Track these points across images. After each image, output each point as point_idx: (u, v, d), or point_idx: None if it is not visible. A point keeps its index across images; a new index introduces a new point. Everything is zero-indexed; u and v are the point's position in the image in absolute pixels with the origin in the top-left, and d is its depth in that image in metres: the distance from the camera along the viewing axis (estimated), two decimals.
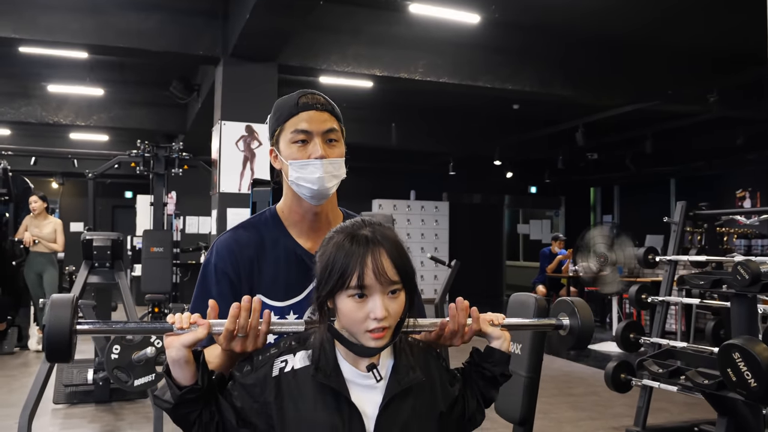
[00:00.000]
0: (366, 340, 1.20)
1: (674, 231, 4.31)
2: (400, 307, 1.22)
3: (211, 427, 1.20)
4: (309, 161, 1.47)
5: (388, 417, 1.22)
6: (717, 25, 6.58)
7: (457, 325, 1.37)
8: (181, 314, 1.23)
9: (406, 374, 1.26)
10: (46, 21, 5.48)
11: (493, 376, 1.40)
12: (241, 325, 1.25)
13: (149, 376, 3.70)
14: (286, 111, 1.50)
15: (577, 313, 1.52)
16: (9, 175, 7.27)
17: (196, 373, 1.19)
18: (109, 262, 4.31)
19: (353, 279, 1.17)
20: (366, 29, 6.29)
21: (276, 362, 1.24)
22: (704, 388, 3.03)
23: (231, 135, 5.88)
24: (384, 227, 1.25)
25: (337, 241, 1.22)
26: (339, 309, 1.21)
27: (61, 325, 1.17)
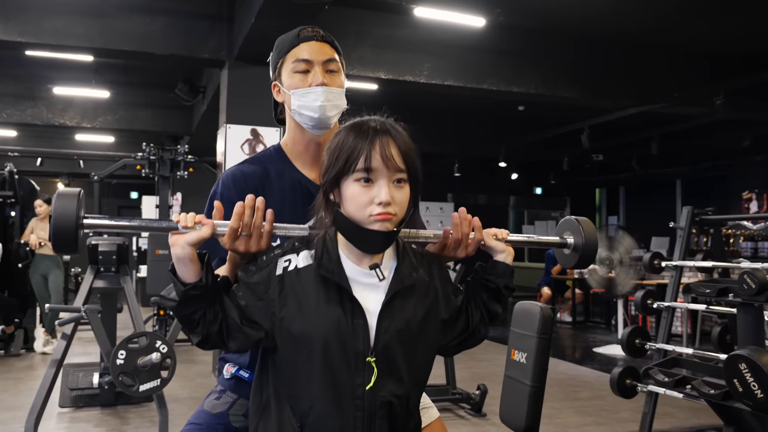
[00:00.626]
0: (371, 224, 1.19)
1: (680, 236, 4.28)
2: (405, 198, 1.23)
3: (214, 326, 1.20)
4: (310, 89, 1.51)
5: (391, 313, 1.22)
6: (724, 27, 6.56)
7: (461, 234, 1.40)
8: (186, 214, 1.24)
9: (409, 274, 1.27)
10: (52, 25, 5.49)
11: (497, 288, 1.42)
12: (246, 223, 1.26)
13: (155, 381, 3.70)
14: (288, 43, 1.54)
15: (582, 231, 1.52)
16: (15, 178, 7.30)
17: (200, 272, 1.20)
18: (114, 267, 4.33)
19: (360, 161, 1.19)
20: (371, 32, 6.29)
21: (280, 261, 1.25)
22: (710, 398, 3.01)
23: (236, 138, 5.88)
24: (393, 121, 1.28)
25: (344, 133, 1.24)
26: (344, 196, 1.22)
27: (67, 216, 1.18)
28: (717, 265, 3.97)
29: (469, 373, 6.00)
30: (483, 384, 4.77)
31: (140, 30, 5.67)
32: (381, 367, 1.20)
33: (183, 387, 5.38)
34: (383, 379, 1.20)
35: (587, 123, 9.11)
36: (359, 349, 1.19)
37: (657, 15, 6.33)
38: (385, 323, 1.21)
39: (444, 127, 10.81)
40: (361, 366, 1.19)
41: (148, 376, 3.68)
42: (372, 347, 1.20)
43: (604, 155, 11.77)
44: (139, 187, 13.82)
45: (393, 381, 1.21)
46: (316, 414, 1.19)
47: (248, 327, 1.21)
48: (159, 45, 5.74)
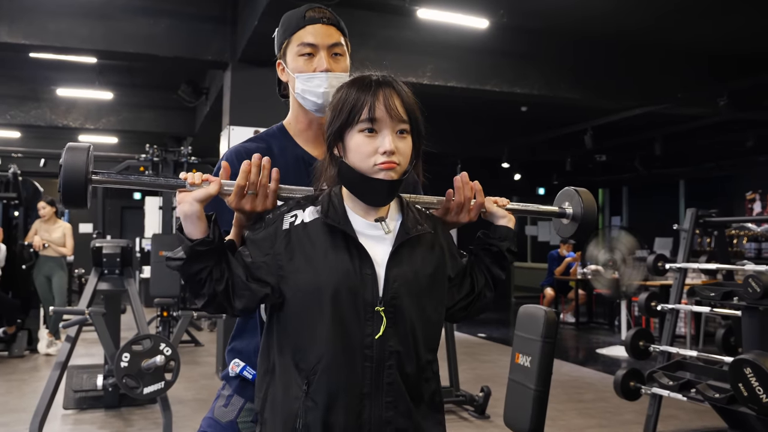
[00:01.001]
0: (376, 173, 1.21)
1: (684, 238, 4.28)
2: (408, 148, 1.24)
3: (220, 284, 1.20)
4: (314, 75, 1.51)
5: (398, 263, 1.23)
6: (727, 27, 6.55)
7: (463, 198, 1.41)
8: (193, 172, 1.25)
9: (414, 226, 1.28)
10: (56, 27, 5.51)
11: (500, 251, 1.43)
12: (252, 181, 1.27)
13: (159, 383, 3.71)
14: (294, 24, 1.54)
15: (581, 201, 1.52)
16: (19, 179, 7.31)
17: (207, 229, 1.20)
18: (118, 269, 4.34)
19: (364, 112, 1.20)
20: (374, 33, 6.29)
21: (286, 217, 1.25)
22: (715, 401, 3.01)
23: (239, 140, 5.82)
24: (394, 77, 1.28)
25: (346, 87, 1.25)
26: (348, 148, 1.23)
27: (77, 170, 1.18)
28: (721, 267, 3.96)
29: (473, 375, 6.00)
30: (486, 386, 4.77)
31: (144, 32, 5.69)
32: (390, 317, 1.20)
33: (187, 389, 5.39)
34: (392, 328, 1.20)
35: (590, 124, 9.10)
36: (368, 298, 1.19)
37: (660, 15, 6.32)
38: (393, 272, 1.21)
39: (446, 128, 10.80)
40: (370, 316, 1.19)
41: (152, 379, 3.69)
42: (381, 297, 1.20)
43: (607, 156, 11.75)
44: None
45: (402, 331, 1.21)
46: (324, 367, 1.18)
47: (254, 283, 1.22)
48: (162, 47, 5.75)
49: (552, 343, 2.59)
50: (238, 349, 1.59)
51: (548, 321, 2.58)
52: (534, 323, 2.61)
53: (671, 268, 4.14)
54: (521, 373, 2.65)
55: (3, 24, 5.38)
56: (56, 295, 7.12)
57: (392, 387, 1.20)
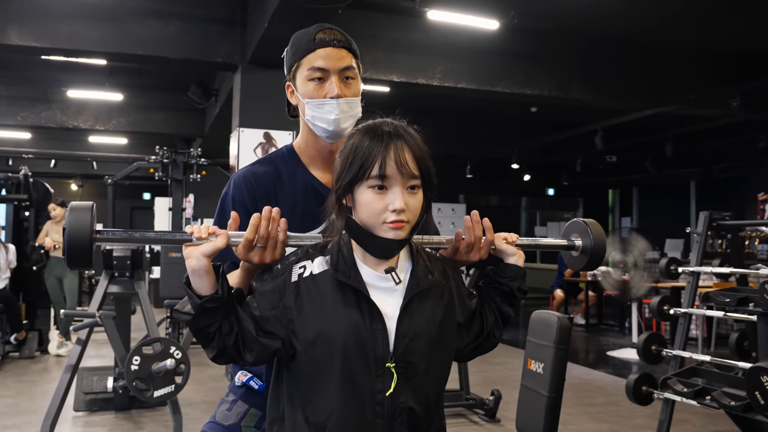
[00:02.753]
0: (384, 232, 1.19)
1: (697, 242, 4.24)
2: (418, 204, 1.21)
3: (230, 338, 1.19)
4: (325, 101, 1.47)
5: (409, 317, 1.21)
6: (740, 28, 6.50)
7: (473, 237, 1.38)
8: (200, 225, 1.22)
9: (425, 277, 1.25)
10: (67, 30, 5.53)
11: (510, 291, 1.41)
12: (261, 235, 1.25)
13: (169, 387, 3.71)
14: (303, 46, 1.49)
15: (590, 233, 1.50)
16: (30, 181, 7.34)
17: (215, 284, 1.18)
18: (128, 272, 4.34)
19: (374, 168, 1.17)
20: (384, 35, 6.28)
21: (294, 268, 1.23)
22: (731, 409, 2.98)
23: (249, 142, 5.88)
24: (406, 125, 1.25)
25: (358, 137, 1.22)
26: (357, 202, 1.20)
27: (81, 231, 1.17)
28: (735, 271, 3.92)
29: (482, 378, 5.98)
30: (497, 389, 4.74)
31: (154, 35, 5.70)
32: (401, 373, 1.18)
33: (196, 391, 5.39)
34: (403, 384, 1.18)
35: (601, 124, 9.06)
36: (378, 354, 1.18)
37: (670, 16, 6.28)
38: (404, 327, 1.19)
39: (456, 129, 10.79)
40: (380, 372, 1.17)
41: (162, 382, 3.69)
42: (391, 352, 1.18)
43: (618, 156, 11.69)
44: (151, 188, 13.90)
45: (413, 386, 1.20)
46: (333, 422, 1.17)
47: (264, 337, 1.20)
48: (173, 49, 5.76)
49: (565, 350, 2.57)
50: None
51: (561, 327, 2.56)
52: (547, 329, 2.59)
53: (684, 272, 4.11)
54: (534, 379, 2.63)
55: (14, 27, 5.41)
56: (67, 296, 7.14)
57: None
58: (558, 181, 14.21)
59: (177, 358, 3.69)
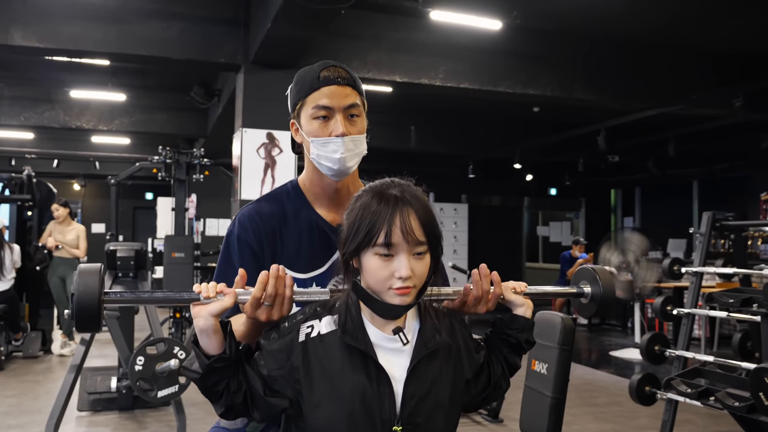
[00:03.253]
0: (390, 298, 1.19)
1: (700, 242, 4.24)
2: (425, 269, 1.22)
3: (238, 396, 1.19)
4: (330, 139, 1.47)
5: (416, 379, 1.21)
6: (743, 28, 6.49)
7: (481, 291, 1.37)
8: (207, 283, 1.23)
9: (432, 337, 1.25)
10: (70, 31, 5.53)
11: (518, 343, 1.40)
12: (269, 293, 1.25)
13: (173, 387, 3.72)
14: (308, 84, 1.49)
15: (599, 280, 1.51)
16: (33, 181, 7.35)
17: (223, 342, 1.18)
18: (132, 272, 4.35)
19: (380, 236, 1.17)
20: (386, 36, 6.28)
21: (302, 327, 1.23)
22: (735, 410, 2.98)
23: (252, 142, 5.89)
24: (413, 187, 1.25)
25: (365, 200, 1.22)
26: (364, 267, 1.21)
27: (90, 294, 1.17)
28: (738, 272, 3.92)
29: None
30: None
31: (157, 35, 5.70)
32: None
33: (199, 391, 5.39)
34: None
35: (603, 124, 9.04)
36: (385, 417, 1.18)
37: (674, 16, 6.27)
38: (411, 389, 1.20)
39: (458, 129, 10.78)
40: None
41: (166, 382, 3.70)
42: (398, 415, 1.19)
43: (620, 156, 11.67)
44: (154, 188, 13.90)
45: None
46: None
47: (272, 397, 1.21)
48: (176, 50, 5.76)
49: (569, 351, 2.58)
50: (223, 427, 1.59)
51: (565, 328, 2.56)
52: (551, 330, 2.60)
53: (687, 272, 4.11)
54: (538, 380, 2.64)
55: (17, 27, 5.41)
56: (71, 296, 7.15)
57: None
58: (560, 181, 14.18)
59: (180, 359, 3.70)
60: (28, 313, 7.15)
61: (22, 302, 7.02)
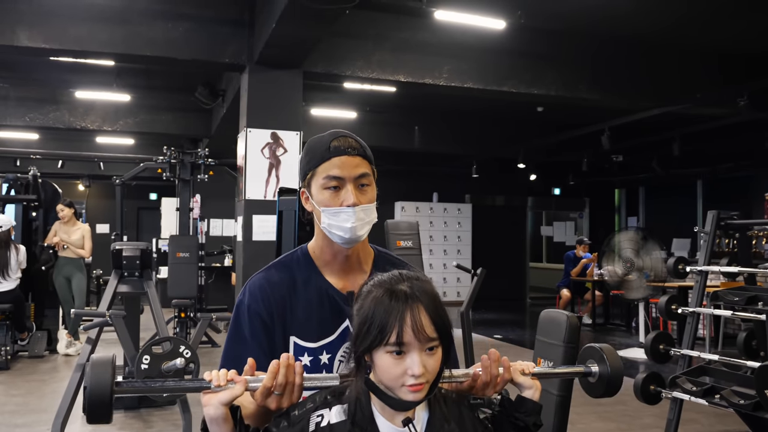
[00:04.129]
0: (404, 394, 1.20)
1: (705, 241, 4.24)
2: (437, 363, 1.23)
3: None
4: (341, 209, 1.47)
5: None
6: (747, 28, 6.49)
7: (490, 376, 1.38)
8: (218, 372, 1.23)
9: (441, 427, 1.26)
10: (76, 31, 5.55)
11: (525, 426, 1.40)
12: (279, 383, 1.25)
13: None
14: (318, 155, 1.50)
15: (606, 359, 1.51)
16: (38, 182, 7.38)
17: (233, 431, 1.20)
18: (138, 272, 4.37)
19: (392, 336, 1.18)
20: (391, 35, 6.29)
21: (312, 417, 1.24)
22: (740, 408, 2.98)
23: (256, 142, 5.91)
24: (422, 281, 1.26)
25: (375, 296, 1.22)
26: (376, 364, 1.22)
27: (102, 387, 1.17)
28: (743, 270, 3.92)
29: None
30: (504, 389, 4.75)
31: (162, 36, 5.72)
32: None
33: None
34: None
35: (608, 124, 9.04)
36: None
37: (678, 16, 6.27)
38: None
39: (462, 128, 10.79)
40: None
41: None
42: None
43: (624, 156, 11.67)
44: (158, 188, 13.93)
45: None
46: None
47: None
48: (181, 50, 5.78)
49: (575, 348, 2.58)
50: None
51: (570, 326, 2.56)
52: (556, 328, 2.60)
53: (692, 271, 4.11)
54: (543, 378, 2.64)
55: (23, 28, 5.44)
56: (76, 296, 7.18)
57: None
58: (564, 180, 14.18)
59: (186, 357, 3.70)
60: (34, 313, 7.17)
61: (27, 302, 7.04)
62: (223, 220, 12.09)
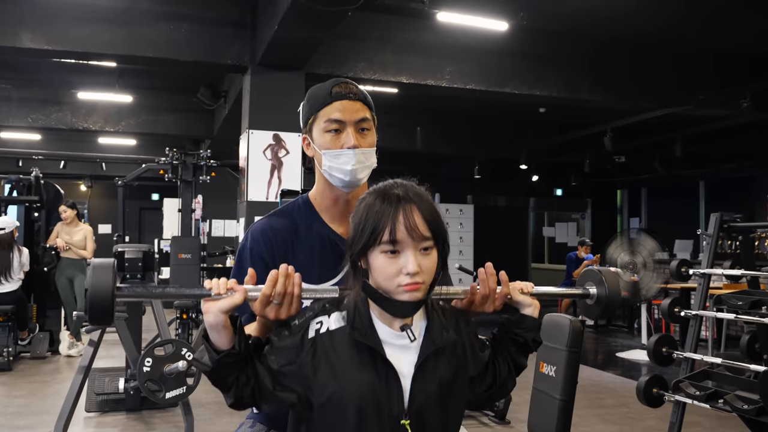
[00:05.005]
0: (400, 295, 1.20)
1: (708, 243, 4.22)
2: (432, 264, 1.23)
3: (247, 389, 1.21)
4: (342, 151, 1.51)
5: (423, 375, 1.23)
6: (749, 28, 6.48)
7: (488, 290, 1.39)
8: (218, 280, 1.25)
9: (440, 334, 1.27)
10: (78, 33, 5.56)
11: (525, 342, 1.42)
12: (278, 291, 1.27)
13: (181, 388, 3.73)
14: (320, 100, 1.54)
15: (605, 281, 1.52)
16: (41, 183, 7.38)
17: (233, 338, 1.20)
18: (140, 274, 4.37)
19: (385, 234, 1.19)
20: (393, 37, 6.29)
21: (312, 324, 1.25)
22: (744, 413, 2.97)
23: (259, 143, 5.91)
24: (416, 187, 1.27)
25: (368, 201, 1.24)
26: (372, 266, 1.22)
27: (103, 289, 1.20)
28: (746, 273, 3.90)
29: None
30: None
31: (164, 37, 5.73)
32: (415, 430, 1.21)
33: (206, 391, 5.39)
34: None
35: (610, 125, 9.03)
36: (393, 411, 1.20)
37: (680, 16, 6.26)
38: (419, 385, 1.22)
39: (464, 129, 10.78)
40: (395, 429, 1.20)
41: (174, 384, 3.71)
42: (406, 410, 1.21)
43: (627, 157, 11.65)
44: (160, 189, 13.94)
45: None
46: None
47: (281, 391, 1.22)
48: (183, 52, 5.79)
49: (577, 353, 2.58)
50: None
51: (574, 330, 2.56)
52: (559, 332, 2.60)
53: (695, 274, 4.09)
54: (546, 382, 2.64)
55: (25, 30, 5.44)
56: (78, 297, 7.18)
57: None
58: (566, 181, 14.16)
59: (189, 360, 3.70)
60: (36, 314, 7.17)
61: (30, 303, 7.05)
62: (225, 221, 12.10)
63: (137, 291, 1.30)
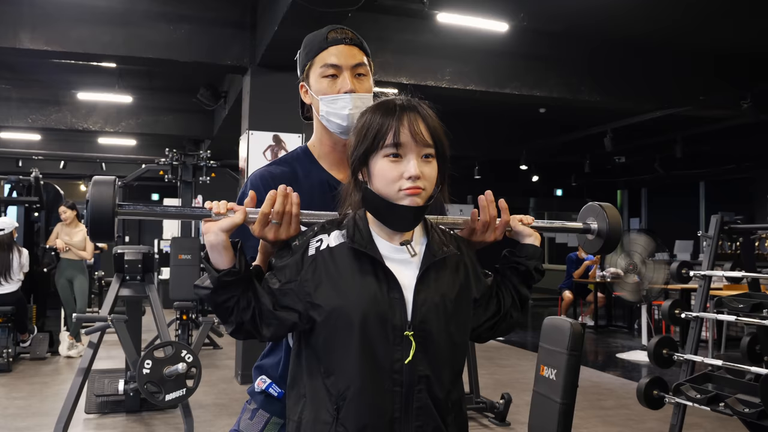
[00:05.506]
0: (401, 199, 1.20)
1: (708, 245, 4.21)
2: (433, 172, 1.23)
3: (247, 313, 1.21)
4: (338, 96, 1.50)
5: (426, 286, 1.22)
6: (750, 29, 6.47)
7: (488, 216, 1.39)
8: (218, 201, 1.25)
9: (440, 249, 1.27)
10: (78, 34, 5.55)
11: (527, 270, 1.42)
12: (277, 210, 1.27)
13: (180, 390, 3.73)
14: (316, 45, 1.53)
15: (606, 216, 1.51)
16: (40, 183, 7.38)
17: (234, 259, 1.20)
18: (140, 275, 4.36)
19: (388, 137, 1.19)
20: (393, 38, 6.28)
21: (312, 242, 1.25)
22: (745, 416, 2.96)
23: (258, 144, 5.90)
24: (419, 100, 1.27)
25: (370, 113, 1.25)
26: (373, 173, 1.22)
27: (104, 204, 1.19)
28: (747, 275, 3.90)
29: (492, 380, 5.97)
30: (507, 393, 4.74)
31: (164, 38, 5.72)
32: (419, 341, 1.19)
33: (206, 393, 5.40)
34: (421, 353, 1.19)
35: (610, 126, 9.03)
36: (397, 323, 1.19)
37: (681, 18, 6.25)
38: (422, 296, 1.21)
39: (464, 130, 10.76)
40: (399, 340, 1.18)
41: (174, 386, 3.71)
42: (409, 321, 1.19)
43: (627, 157, 11.65)
44: (160, 189, 13.94)
45: (430, 356, 1.21)
46: (353, 393, 1.18)
47: (281, 311, 1.21)
48: (183, 52, 5.78)
49: (578, 356, 2.58)
50: (266, 367, 1.59)
51: (574, 334, 2.56)
52: (560, 335, 2.59)
53: (696, 275, 4.08)
54: (546, 385, 2.63)
55: (25, 31, 5.43)
56: (78, 298, 7.18)
57: (422, 411, 1.20)
58: (566, 181, 14.16)
59: (188, 362, 3.70)
60: (36, 315, 7.16)
61: (29, 304, 7.04)
62: None
63: (138, 209, 1.29)
